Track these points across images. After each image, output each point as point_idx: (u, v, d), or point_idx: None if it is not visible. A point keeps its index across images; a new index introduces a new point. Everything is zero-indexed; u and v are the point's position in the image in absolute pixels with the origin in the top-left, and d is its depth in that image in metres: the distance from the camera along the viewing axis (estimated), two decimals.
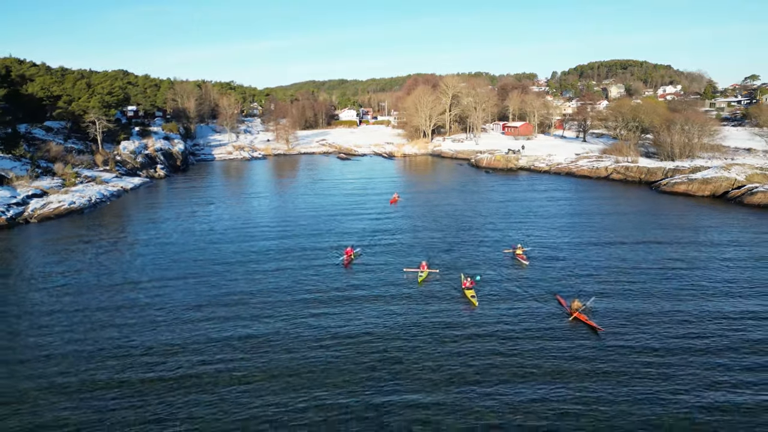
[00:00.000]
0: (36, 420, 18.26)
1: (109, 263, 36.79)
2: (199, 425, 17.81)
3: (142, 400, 19.38)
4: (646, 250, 37.33)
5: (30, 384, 20.59)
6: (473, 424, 17.56)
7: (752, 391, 19.26)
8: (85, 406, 19.09)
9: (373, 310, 27.20)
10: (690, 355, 21.85)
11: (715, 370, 20.72)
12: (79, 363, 22.26)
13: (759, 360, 21.57)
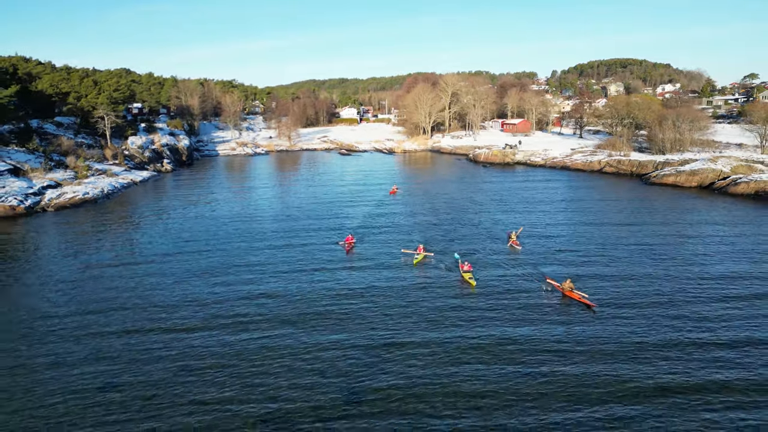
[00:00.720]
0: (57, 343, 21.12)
1: (127, 243, 39.75)
2: (206, 350, 20.66)
3: (144, 340, 22.23)
4: (633, 234, 40.06)
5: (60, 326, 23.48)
6: (472, 396, 18.91)
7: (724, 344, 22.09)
8: (92, 342, 21.95)
9: (373, 293, 28.50)
10: (678, 322, 24.27)
11: (697, 333, 23.48)
12: (117, 309, 25.16)
13: (730, 311, 24.45)
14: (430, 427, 16.90)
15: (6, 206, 50.88)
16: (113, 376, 20.35)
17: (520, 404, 18.04)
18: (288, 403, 18.26)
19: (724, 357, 20.95)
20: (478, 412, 17.60)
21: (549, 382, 19.36)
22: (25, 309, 27.19)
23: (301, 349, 22.29)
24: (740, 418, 17.09)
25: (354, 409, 17.88)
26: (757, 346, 21.83)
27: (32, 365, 21.26)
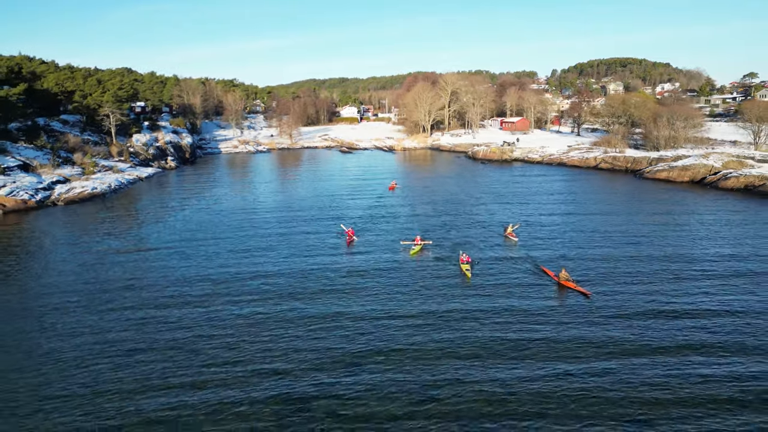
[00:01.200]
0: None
1: (139, 232, 41.65)
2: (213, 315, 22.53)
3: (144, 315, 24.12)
4: (626, 224, 41.79)
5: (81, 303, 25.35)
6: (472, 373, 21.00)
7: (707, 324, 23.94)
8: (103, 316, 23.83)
9: (372, 282, 29.42)
10: (669, 304, 25.75)
11: (685, 319, 25.33)
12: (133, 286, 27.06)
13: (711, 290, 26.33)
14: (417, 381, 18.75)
15: (18, 200, 52.76)
16: (136, 341, 22.22)
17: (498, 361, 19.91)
18: (291, 362, 20.12)
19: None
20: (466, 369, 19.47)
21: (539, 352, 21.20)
22: (51, 288, 29.03)
23: (302, 318, 24.23)
24: (716, 373, 18.93)
25: (352, 367, 19.75)
26: (736, 314, 23.69)
27: (60, 333, 23.10)
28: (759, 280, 28.81)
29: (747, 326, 23.11)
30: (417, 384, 18.91)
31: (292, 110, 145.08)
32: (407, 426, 16.66)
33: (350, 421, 16.89)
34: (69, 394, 18.71)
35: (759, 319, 23.80)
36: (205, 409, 17.67)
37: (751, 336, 22.23)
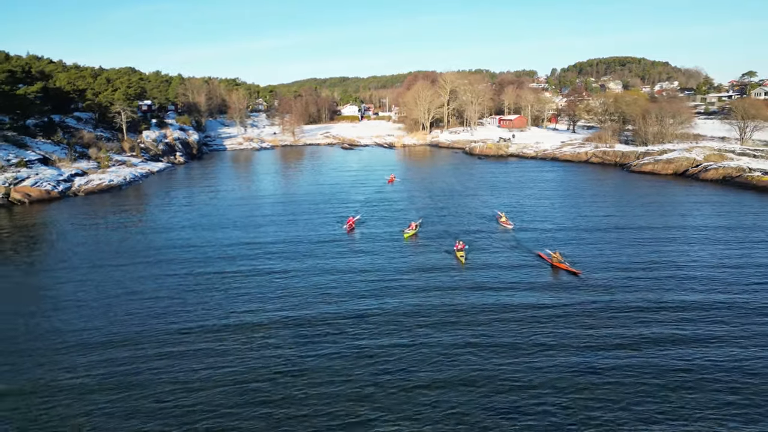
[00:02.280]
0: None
1: (156, 218, 45.78)
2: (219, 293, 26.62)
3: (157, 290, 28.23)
4: (612, 211, 45.78)
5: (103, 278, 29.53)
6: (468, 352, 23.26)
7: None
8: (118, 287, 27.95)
9: (371, 267, 31.66)
10: (650, 282, 28.88)
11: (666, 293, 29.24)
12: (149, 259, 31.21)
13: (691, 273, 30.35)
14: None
15: (42, 190, 56.93)
16: (162, 305, 26.32)
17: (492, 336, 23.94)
18: (295, 310, 24.24)
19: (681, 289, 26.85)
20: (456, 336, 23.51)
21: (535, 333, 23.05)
22: (84, 266, 33.17)
23: (304, 283, 28.33)
24: (696, 353, 20.94)
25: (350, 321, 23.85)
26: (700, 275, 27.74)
27: (96, 302, 27.23)
28: (727, 253, 32.94)
29: (719, 296, 26.54)
30: (411, 347, 22.75)
31: (294, 109, 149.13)
32: (400, 392, 18.23)
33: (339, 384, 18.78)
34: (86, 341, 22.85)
35: (727, 288, 27.74)
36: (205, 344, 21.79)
37: (715, 301, 26.29)
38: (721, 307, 24.89)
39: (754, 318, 23.68)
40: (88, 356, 21.13)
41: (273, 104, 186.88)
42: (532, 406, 17.51)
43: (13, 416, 17.26)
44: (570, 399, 17.90)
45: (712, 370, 19.52)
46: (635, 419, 16.81)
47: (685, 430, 16.31)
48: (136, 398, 18.13)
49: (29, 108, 74.13)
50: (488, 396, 18.06)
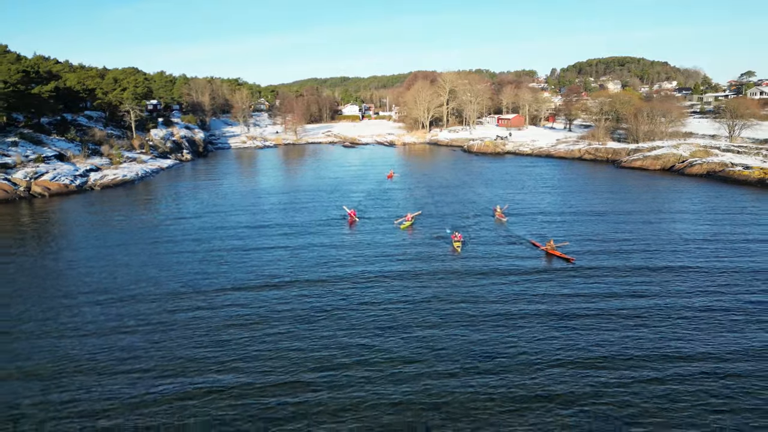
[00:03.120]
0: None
1: (169, 209, 49.30)
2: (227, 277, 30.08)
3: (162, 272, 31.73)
4: (601, 204, 48.84)
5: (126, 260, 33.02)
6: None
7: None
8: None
9: (371, 256, 33.47)
10: (638, 268, 31.33)
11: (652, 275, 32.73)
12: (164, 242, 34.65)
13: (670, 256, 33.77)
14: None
15: (60, 184, 60.43)
16: (178, 281, 29.78)
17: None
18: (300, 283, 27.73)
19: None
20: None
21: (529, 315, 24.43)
22: (108, 248, 36.66)
23: (307, 281, 31.72)
24: (677, 329, 22.62)
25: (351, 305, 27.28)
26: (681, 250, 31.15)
27: (119, 277, 30.71)
28: (708, 242, 35.84)
29: (700, 281, 29.11)
30: (406, 330, 26.14)
31: (296, 108, 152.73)
32: (394, 377, 18.99)
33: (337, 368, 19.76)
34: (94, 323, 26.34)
35: (709, 274, 31.11)
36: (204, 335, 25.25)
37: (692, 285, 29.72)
38: (696, 276, 28.34)
39: (716, 276, 27.11)
40: (132, 301, 24.57)
41: (275, 104, 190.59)
42: (525, 385, 18.36)
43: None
44: (554, 376, 18.86)
45: (698, 345, 21.02)
46: (629, 400, 17.57)
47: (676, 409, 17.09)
48: (171, 338, 21.55)
49: (43, 107, 77.72)
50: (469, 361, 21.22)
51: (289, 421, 16.51)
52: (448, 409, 17.14)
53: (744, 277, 28.48)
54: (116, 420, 16.70)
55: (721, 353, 20.35)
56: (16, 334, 22.89)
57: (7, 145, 65.66)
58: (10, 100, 71.24)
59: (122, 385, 18.65)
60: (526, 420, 16.55)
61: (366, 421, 16.61)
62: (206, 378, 19.00)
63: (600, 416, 16.66)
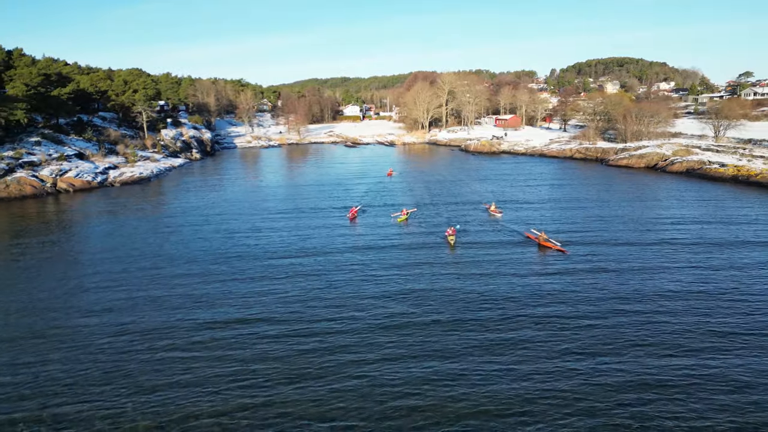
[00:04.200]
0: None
1: (187, 202, 54.37)
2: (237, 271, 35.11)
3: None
4: (589, 198, 53.50)
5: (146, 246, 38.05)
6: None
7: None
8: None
9: (369, 248, 36.25)
10: (628, 260, 37.24)
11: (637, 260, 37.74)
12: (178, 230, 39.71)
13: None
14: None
15: (84, 181, 65.57)
16: (199, 267, 34.80)
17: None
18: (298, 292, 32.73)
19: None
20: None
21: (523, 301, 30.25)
22: (136, 233, 41.74)
23: (310, 270, 36.73)
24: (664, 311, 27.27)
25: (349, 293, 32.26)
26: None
27: (142, 260, 35.75)
28: (686, 231, 41.24)
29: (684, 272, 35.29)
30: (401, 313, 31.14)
31: (299, 109, 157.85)
32: (390, 369, 20.17)
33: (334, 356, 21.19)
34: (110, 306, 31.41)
35: (677, 244, 36.26)
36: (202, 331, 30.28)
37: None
38: (669, 253, 33.33)
39: (667, 251, 32.06)
40: (157, 275, 29.57)
41: (277, 104, 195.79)
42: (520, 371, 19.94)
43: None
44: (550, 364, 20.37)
45: (678, 325, 23.53)
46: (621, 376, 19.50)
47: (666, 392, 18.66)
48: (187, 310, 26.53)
49: (62, 108, 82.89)
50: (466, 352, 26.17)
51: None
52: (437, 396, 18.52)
53: (706, 249, 33.70)
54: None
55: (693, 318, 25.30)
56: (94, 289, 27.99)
57: (31, 144, 70.79)
58: (32, 102, 76.41)
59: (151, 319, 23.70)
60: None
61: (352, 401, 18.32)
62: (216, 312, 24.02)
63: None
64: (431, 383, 19.31)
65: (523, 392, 18.68)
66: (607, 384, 19.07)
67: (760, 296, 26.68)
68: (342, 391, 18.92)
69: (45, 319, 25.41)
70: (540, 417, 17.27)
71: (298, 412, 17.72)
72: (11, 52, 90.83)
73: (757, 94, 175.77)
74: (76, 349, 22.23)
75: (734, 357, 20.79)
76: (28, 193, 60.11)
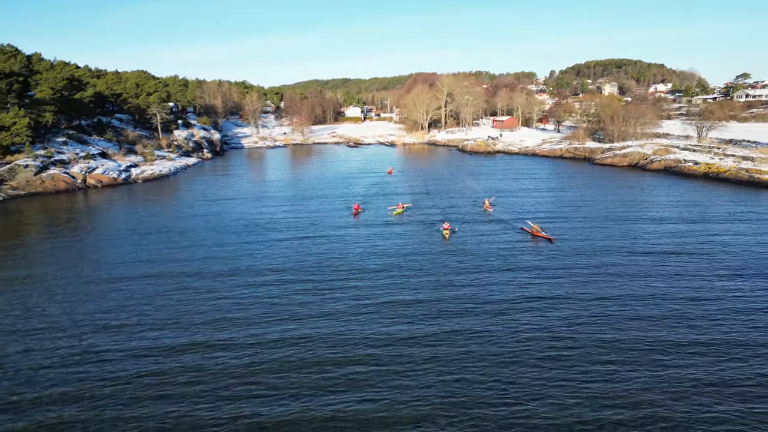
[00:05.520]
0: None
1: (205, 194, 61.28)
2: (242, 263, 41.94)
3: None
4: (576, 195, 59.57)
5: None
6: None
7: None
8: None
9: (370, 242, 39.61)
10: (608, 245, 44.45)
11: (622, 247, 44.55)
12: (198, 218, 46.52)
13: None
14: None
15: (110, 177, 72.47)
16: (217, 253, 41.57)
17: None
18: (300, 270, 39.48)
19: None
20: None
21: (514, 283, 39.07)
22: (159, 221, 48.54)
23: (315, 260, 43.53)
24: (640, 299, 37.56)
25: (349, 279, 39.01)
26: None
27: (160, 243, 42.52)
28: (663, 221, 48.09)
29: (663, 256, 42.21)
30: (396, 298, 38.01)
31: (303, 110, 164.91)
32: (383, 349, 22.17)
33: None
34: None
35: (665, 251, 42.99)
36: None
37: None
38: (645, 238, 40.12)
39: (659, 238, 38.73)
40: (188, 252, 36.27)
41: (279, 105, 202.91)
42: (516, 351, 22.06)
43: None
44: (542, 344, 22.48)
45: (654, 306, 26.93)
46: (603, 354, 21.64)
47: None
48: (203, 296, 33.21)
49: (83, 110, 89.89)
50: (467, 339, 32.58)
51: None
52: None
53: (677, 233, 40.47)
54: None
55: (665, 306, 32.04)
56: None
57: (59, 144, 77.71)
58: (58, 105, 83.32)
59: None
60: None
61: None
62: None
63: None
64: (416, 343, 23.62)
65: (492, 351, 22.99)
66: (580, 342, 22.83)
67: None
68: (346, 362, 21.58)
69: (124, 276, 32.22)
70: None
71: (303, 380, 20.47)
72: (30, 57, 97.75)
73: (749, 96, 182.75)
74: (165, 292, 28.97)
75: (716, 325, 24.75)
76: (61, 188, 66.97)
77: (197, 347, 23.13)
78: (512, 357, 21.76)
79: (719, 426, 17.23)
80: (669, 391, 19.17)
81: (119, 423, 17.89)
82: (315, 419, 17.84)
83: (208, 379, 20.51)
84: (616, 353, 21.95)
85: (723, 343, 22.72)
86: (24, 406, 18.96)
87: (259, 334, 24.25)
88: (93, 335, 24.51)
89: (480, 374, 20.45)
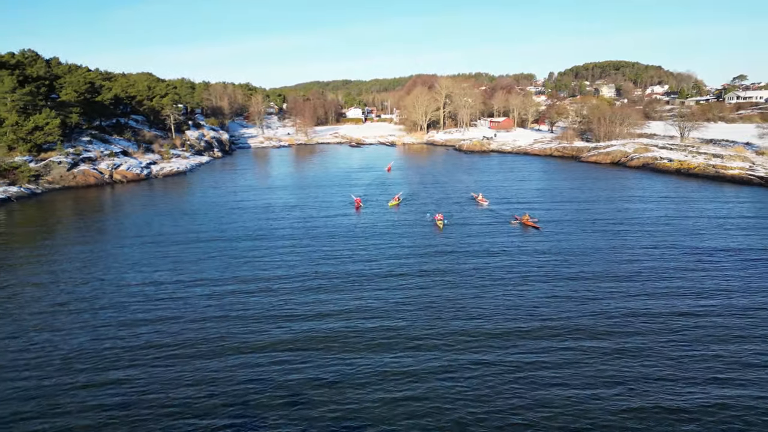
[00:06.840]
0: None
1: (221, 188, 69.08)
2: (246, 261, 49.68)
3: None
4: (561, 189, 67.60)
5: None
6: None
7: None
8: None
9: (371, 235, 45.13)
10: (595, 232, 52.85)
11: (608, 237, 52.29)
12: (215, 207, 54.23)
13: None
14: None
15: (134, 173, 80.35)
16: (229, 245, 49.25)
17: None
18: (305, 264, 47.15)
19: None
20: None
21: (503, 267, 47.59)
22: (187, 211, 56.24)
23: (319, 251, 51.26)
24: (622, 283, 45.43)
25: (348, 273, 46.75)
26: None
27: (179, 232, 50.21)
28: (638, 211, 55.79)
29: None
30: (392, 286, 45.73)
31: (305, 111, 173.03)
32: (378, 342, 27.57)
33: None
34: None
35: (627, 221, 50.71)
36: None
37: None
38: (623, 228, 47.76)
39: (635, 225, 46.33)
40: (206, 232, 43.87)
41: (282, 107, 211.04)
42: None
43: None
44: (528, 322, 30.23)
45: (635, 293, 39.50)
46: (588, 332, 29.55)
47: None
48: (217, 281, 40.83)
49: (104, 112, 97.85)
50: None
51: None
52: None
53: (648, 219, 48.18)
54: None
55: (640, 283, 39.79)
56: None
57: (84, 143, 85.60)
58: (83, 107, 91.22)
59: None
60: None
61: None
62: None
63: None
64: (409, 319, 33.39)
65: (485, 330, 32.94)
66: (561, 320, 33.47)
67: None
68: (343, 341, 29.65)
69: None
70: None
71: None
72: (49, 62, 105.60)
73: (740, 98, 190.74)
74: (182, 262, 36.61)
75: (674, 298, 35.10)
76: (91, 183, 74.82)
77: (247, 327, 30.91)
78: (493, 325, 25.86)
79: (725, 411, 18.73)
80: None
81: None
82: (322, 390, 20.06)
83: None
84: (592, 320, 26.01)
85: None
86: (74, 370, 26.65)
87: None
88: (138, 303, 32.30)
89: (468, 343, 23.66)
